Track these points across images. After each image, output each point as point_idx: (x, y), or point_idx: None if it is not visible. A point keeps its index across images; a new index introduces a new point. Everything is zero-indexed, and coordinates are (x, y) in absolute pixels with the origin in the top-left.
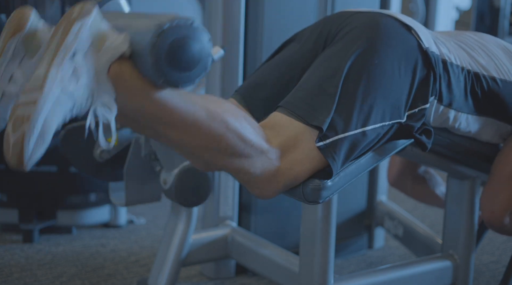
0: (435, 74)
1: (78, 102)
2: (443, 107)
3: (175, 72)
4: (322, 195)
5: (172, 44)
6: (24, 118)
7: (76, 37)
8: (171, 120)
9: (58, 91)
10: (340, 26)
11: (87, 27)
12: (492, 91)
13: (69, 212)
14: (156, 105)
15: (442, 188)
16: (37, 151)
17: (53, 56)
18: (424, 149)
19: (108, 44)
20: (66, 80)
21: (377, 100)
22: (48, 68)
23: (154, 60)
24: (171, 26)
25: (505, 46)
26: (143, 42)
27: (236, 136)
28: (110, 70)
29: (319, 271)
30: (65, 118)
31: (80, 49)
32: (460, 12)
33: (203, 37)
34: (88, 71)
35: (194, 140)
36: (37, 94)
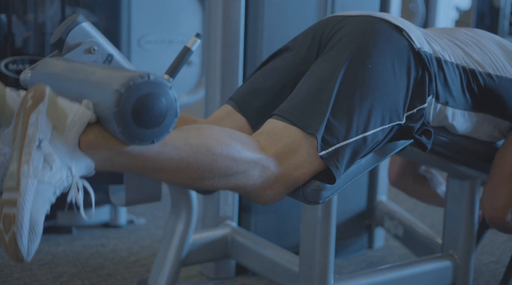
0: (430, 73)
1: (58, 184)
2: (440, 105)
3: (146, 130)
4: (322, 196)
5: (134, 106)
6: (11, 217)
7: (36, 127)
8: (158, 166)
9: (35, 185)
10: (332, 32)
11: (44, 113)
12: (488, 87)
13: (69, 212)
14: (138, 158)
15: (443, 188)
16: (33, 244)
17: (20, 151)
18: (424, 149)
19: (71, 120)
20: (40, 171)
21: (375, 104)
22: (18, 165)
23: (122, 128)
24: (128, 88)
25: (500, 42)
26: (105, 110)
27: (225, 160)
28: (81, 143)
29: (319, 271)
30: (50, 202)
31: (43, 138)
32: (460, 12)
33: (163, 88)
34: (59, 154)
35: (186, 177)
36: (15, 194)
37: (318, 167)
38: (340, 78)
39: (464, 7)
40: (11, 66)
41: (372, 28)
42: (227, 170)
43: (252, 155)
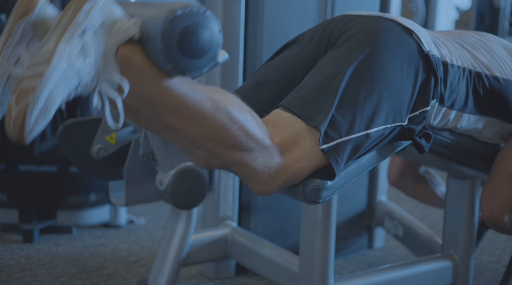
0: (436, 77)
1: (84, 80)
2: (445, 108)
3: (184, 58)
4: (322, 195)
5: (183, 30)
6: (29, 90)
7: (87, 15)
8: (176, 107)
9: (65, 66)
10: (342, 30)
11: (99, 7)
12: (495, 91)
13: (69, 212)
14: (163, 90)
15: (442, 188)
16: (39, 124)
17: (63, 32)
18: (422, 152)
19: (118, 26)
20: (74, 56)
21: (380, 102)
22: (56, 43)
23: (164, 46)
24: (183, 13)
25: (508, 45)
26: (154, 27)
27: (239, 128)
28: (118, 52)
29: (319, 271)
30: (69, 94)
31: (90, 28)
32: (460, 12)
33: (214, 27)
34: (96, 50)
35: (198, 130)
36: (44, 67)
37: (319, 162)
38: (348, 74)
39: (464, 7)
40: None
41: (382, 28)
42: (236, 141)
43: (262, 137)
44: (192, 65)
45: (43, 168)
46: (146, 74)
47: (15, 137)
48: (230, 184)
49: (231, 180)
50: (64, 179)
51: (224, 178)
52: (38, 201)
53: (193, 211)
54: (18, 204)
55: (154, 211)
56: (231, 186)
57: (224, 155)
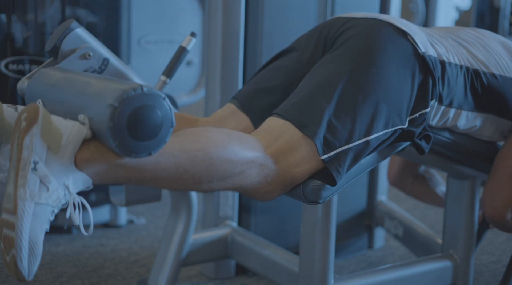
0: (433, 78)
1: (56, 204)
2: (443, 107)
3: (143, 143)
4: (322, 195)
5: (129, 120)
6: (10, 240)
7: (30, 150)
8: (156, 176)
9: (32, 207)
10: (337, 33)
11: (38, 136)
12: (492, 88)
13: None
14: (136, 170)
15: (442, 188)
16: (33, 265)
17: (16, 174)
18: (422, 153)
19: (66, 139)
20: (36, 194)
21: (378, 108)
22: (15, 188)
23: (119, 142)
24: (122, 103)
25: (505, 42)
26: (100, 124)
27: (223, 163)
28: (77, 160)
29: (319, 271)
30: (49, 222)
31: (39, 159)
32: (460, 12)
33: (157, 99)
34: (55, 174)
35: (184, 182)
36: (13, 218)
37: (317, 166)
38: (343, 80)
39: (464, 7)
40: (11, 66)
41: (377, 32)
42: (225, 173)
43: (249, 155)
44: (154, 144)
45: None
46: (114, 162)
47: (18, 280)
48: None
49: None
50: None
51: None
52: None
53: (193, 211)
54: None
55: (154, 211)
56: None
57: (219, 187)
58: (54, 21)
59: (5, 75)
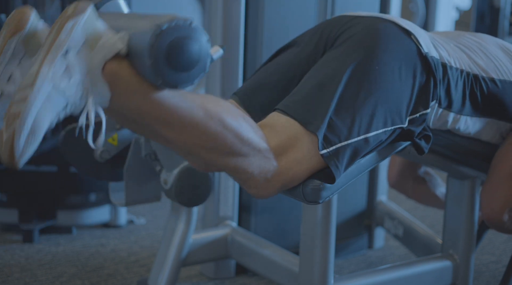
0: (435, 79)
1: (71, 100)
2: (441, 110)
3: (173, 72)
4: (322, 195)
5: (170, 44)
6: (15, 115)
7: (69, 34)
8: (169, 119)
9: (49, 88)
10: (340, 31)
11: (81, 25)
12: (491, 93)
13: (69, 212)
14: (154, 104)
15: (442, 189)
16: (28, 148)
17: (46, 53)
18: (421, 153)
19: (103, 42)
20: (58, 77)
21: (378, 105)
22: (40, 65)
23: (153, 61)
24: (169, 27)
25: (504, 46)
26: (141, 42)
27: (233, 135)
28: (105, 69)
29: (319, 271)
30: (58, 115)
31: (72, 47)
32: (460, 12)
33: (202, 38)
34: (81, 69)
35: (192, 139)
36: (28, 91)
37: (317, 165)
38: (346, 77)
39: (464, 7)
40: None
41: (381, 29)
42: (231, 147)
43: (258, 142)
44: (183, 78)
45: (43, 168)
46: (136, 89)
47: (7, 161)
48: (230, 185)
49: (231, 180)
50: (64, 179)
51: (224, 178)
52: (38, 201)
53: (193, 211)
54: (18, 204)
55: (154, 211)
56: (231, 186)
57: (220, 162)
58: (54, 21)
59: None
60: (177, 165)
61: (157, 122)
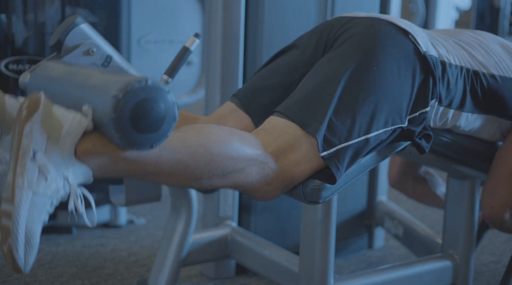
0: (434, 77)
1: (54, 195)
2: (443, 108)
3: (145, 136)
4: (322, 195)
5: (132, 112)
6: (6, 230)
7: (30, 138)
8: (157, 170)
9: (30, 196)
10: (339, 32)
11: (38, 125)
12: (492, 89)
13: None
14: (136, 163)
15: (442, 189)
16: (29, 256)
17: (15, 163)
18: (422, 152)
19: (66, 129)
20: (35, 183)
21: (378, 106)
22: (13, 178)
23: (120, 134)
24: (126, 94)
25: (504, 43)
26: (104, 117)
27: (223, 159)
28: (77, 152)
29: (319, 271)
30: (47, 214)
31: (38, 149)
32: (460, 12)
33: (161, 92)
34: (54, 164)
35: (185, 177)
36: (10, 207)
37: (317, 165)
38: (345, 78)
39: (464, 7)
40: (11, 66)
41: (379, 30)
42: (225, 169)
43: (250, 152)
44: (156, 137)
45: None
46: (114, 157)
47: (14, 272)
48: None
49: None
50: None
51: None
52: None
53: (193, 211)
54: None
55: (154, 211)
56: None
57: (220, 184)
58: (54, 21)
59: (5, 75)
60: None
61: (147, 175)
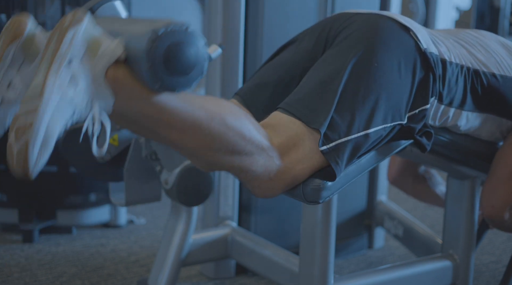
0: (434, 75)
1: (78, 107)
2: (443, 106)
3: (171, 77)
4: (322, 195)
5: (167, 49)
6: (26, 126)
7: (70, 45)
8: (171, 122)
9: (58, 98)
10: (340, 28)
11: (80, 34)
12: (492, 87)
13: (69, 212)
14: (155, 107)
15: (442, 188)
16: (42, 158)
17: (49, 65)
18: (423, 150)
19: (103, 49)
20: (65, 87)
21: (378, 102)
22: (45, 76)
23: (150, 66)
24: (166, 32)
25: (504, 42)
26: (138, 47)
27: (236, 134)
28: (107, 75)
29: (319, 271)
30: (66, 124)
31: (75, 56)
32: (460, 12)
33: (199, 42)
34: (85, 77)
35: (195, 140)
36: (37, 102)
37: (318, 164)
38: (346, 74)
39: (464, 7)
40: None
41: (380, 26)
42: (235, 147)
43: (261, 140)
44: (180, 82)
45: (43, 168)
46: (137, 94)
47: (20, 173)
48: (230, 184)
49: (231, 180)
50: (64, 179)
51: (224, 178)
52: (38, 201)
53: (193, 211)
54: (18, 204)
55: (154, 211)
56: (231, 186)
57: (225, 162)
58: (54, 21)
59: None
60: (178, 165)
61: (160, 125)
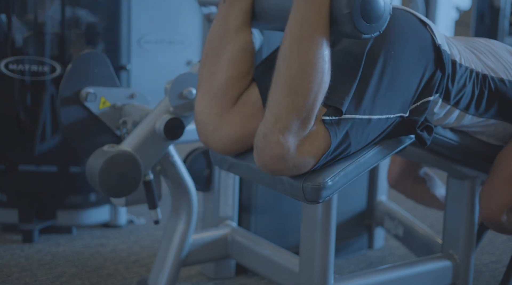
0: (443, 71)
1: None
2: (449, 106)
3: (363, 22)
4: (322, 195)
5: (363, 1)
6: None
7: None
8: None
9: None
10: None
11: None
12: (500, 92)
13: (69, 212)
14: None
15: (441, 191)
16: None
17: None
18: (424, 144)
19: None
20: None
21: (388, 91)
22: None
23: (349, 11)
24: None
25: None
26: None
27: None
28: None
29: (319, 271)
30: None
31: None
32: (460, 12)
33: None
34: None
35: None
36: None
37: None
38: (363, 59)
39: (464, 7)
40: (11, 66)
41: (399, 17)
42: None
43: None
44: (368, 28)
45: (43, 168)
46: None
47: None
48: (230, 184)
49: (231, 180)
50: (64, 179)
51: (224, 178)
52: (38, 201)
53: (193, 211)
54: (18, 204)
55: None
56: (231, 186)
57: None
58: (54, 21)
59: (5, 75)
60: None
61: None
